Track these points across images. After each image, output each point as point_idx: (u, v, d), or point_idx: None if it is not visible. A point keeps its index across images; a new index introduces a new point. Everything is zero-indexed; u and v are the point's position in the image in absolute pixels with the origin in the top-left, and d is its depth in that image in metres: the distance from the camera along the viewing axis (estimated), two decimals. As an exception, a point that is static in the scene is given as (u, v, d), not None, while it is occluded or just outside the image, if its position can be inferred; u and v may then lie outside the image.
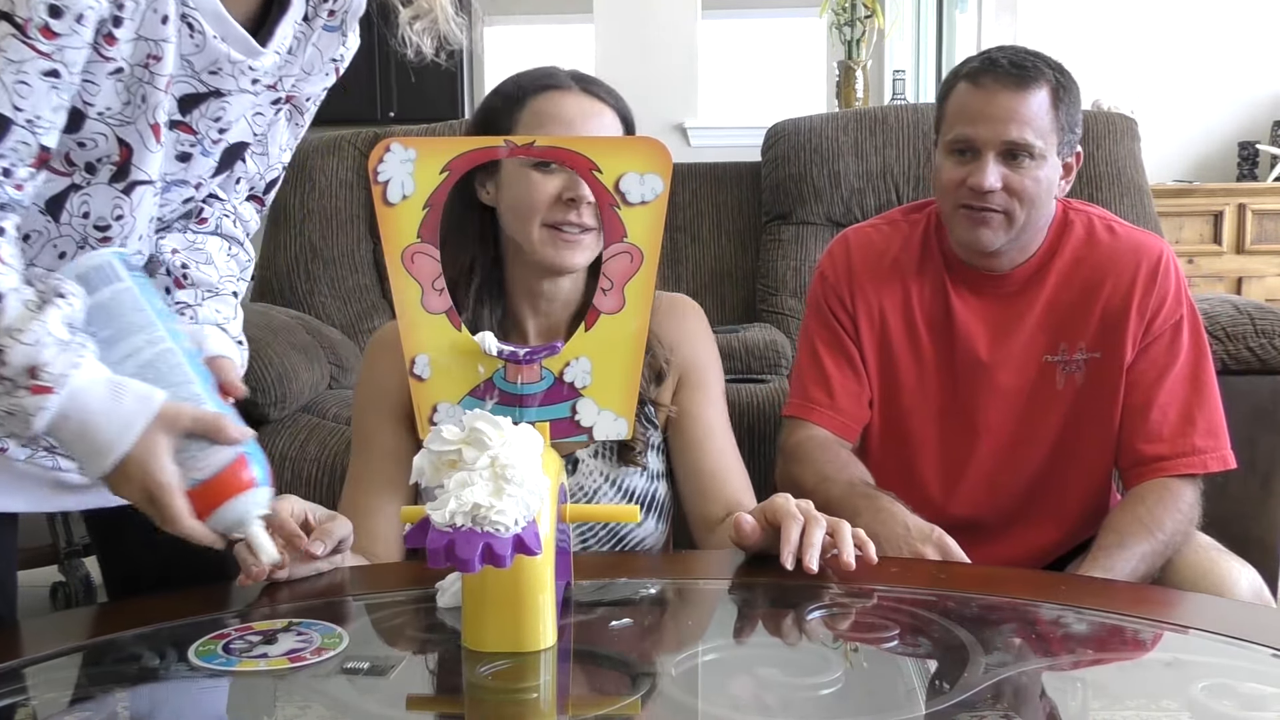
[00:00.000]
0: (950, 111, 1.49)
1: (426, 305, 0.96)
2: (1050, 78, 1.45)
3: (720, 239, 2.60)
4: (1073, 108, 1.47)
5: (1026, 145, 1.43)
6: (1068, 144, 1.48)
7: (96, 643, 0.94)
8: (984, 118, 1.44)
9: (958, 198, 1.46)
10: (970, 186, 1.44)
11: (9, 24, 0.90)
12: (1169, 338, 1.49)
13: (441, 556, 0.80)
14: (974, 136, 1.45)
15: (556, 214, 1.21)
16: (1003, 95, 1.43)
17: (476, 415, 0.86)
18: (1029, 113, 1.43)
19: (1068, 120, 1.47)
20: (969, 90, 1.47)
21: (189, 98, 1.06)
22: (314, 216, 2.47)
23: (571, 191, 1.20)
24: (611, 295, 0.97)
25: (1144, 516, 1.41)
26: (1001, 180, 1.43)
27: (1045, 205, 1.48)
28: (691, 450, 1.34)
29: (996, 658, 0.88)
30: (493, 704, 0.86)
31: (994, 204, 1.44)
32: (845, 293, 1.57)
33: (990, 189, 1.43)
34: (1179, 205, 4.12)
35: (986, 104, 1.44)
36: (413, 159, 0.94)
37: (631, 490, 1.30)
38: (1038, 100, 1.44)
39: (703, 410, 1.35)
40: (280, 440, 1.97)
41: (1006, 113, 1.43)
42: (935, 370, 1.55)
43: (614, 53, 4.55)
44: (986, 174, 1.43)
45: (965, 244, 1.49)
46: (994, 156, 1.43)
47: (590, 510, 0.97)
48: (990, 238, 1.46)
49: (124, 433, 0.92)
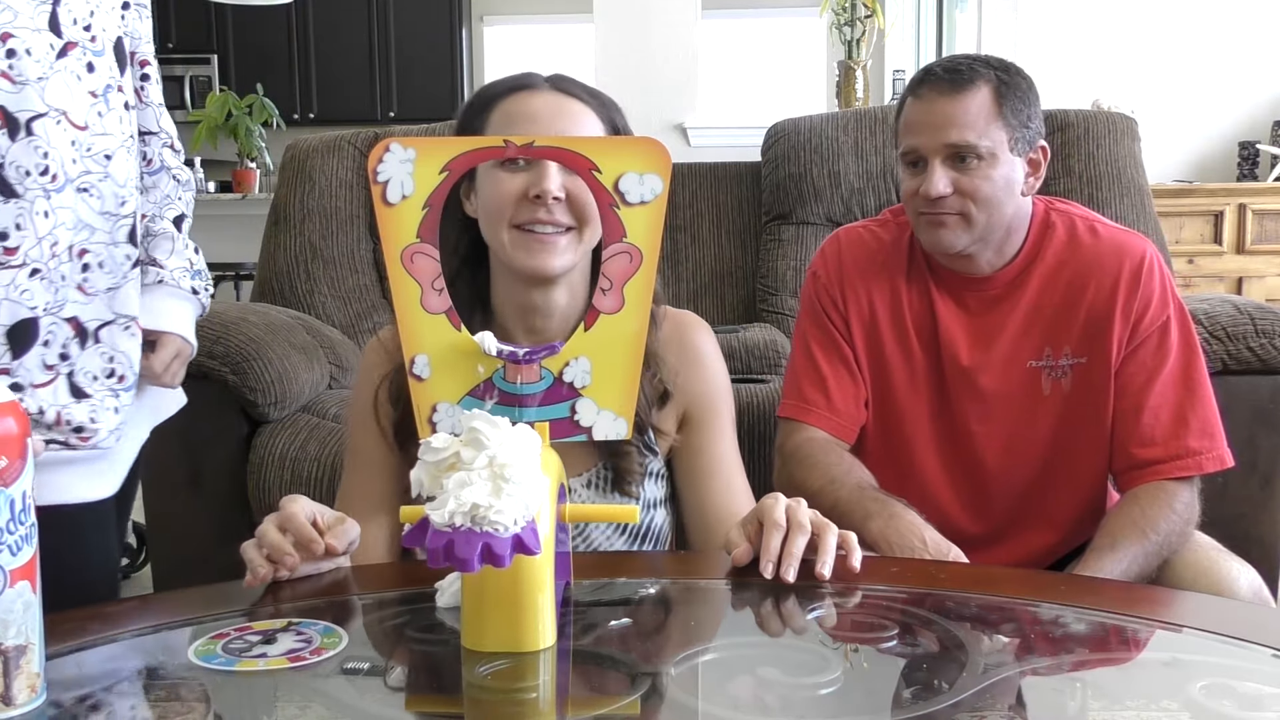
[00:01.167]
0: (901, 126, 1.52)
1: (426, 305, 0.96)
2: (990, 77, 1.46)
3: (720, 239, 2.60)
4: (1020, 103, 1.47)
5: (969, 146, 1.44)
6: (1023, 140, 1.47)
7: (96, 643, 0.94)
8: (924, 126, 1.47)
9: (915, 206, 1.49)
10: (921, 195, 1.46)
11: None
12: (1157, 340, 1.48)
13: (441, 556, 0.80)
14: (919, 145, 1.47)
15: (523, 213, 1.15)
16: (939, 102, 1.46)
17: (474, 415, 0.86)
18: (967, 115, 1.44)
19: (1016, 117, 1.46)
20: (912, 103, 1.50)
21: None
22: (314, 216, 2.47)
23: (537, 188, 1.14)
24: (611, 295, 0.97)
25: (1138, 518, 1.41)
26: (951, 185, 1.45)
27: (1006, 205, 1.47)
28: (698, 485, 1.31)
29: (996, 658, 0.88)
30: (492, 704, 0.86)
31: (947, 208, 1.46)
32: (837, 292, 1.57)
33: (939, 195, 1.45)
34: (1179, 205, 4.12)
35: (926, 113, 1.47)
36: (412, 159, 0.94)
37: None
38: (976, 101, 1.45)
39: (711, 444, 1.31)
40: (280, 440, 1.97)
41: (943, 118, 1.45)
42: (925, 373, 1.55)
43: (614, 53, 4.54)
44: (934, 181, 1.45)
45: (930, 247, 1.51)
46: (939, 163, 1.45)
47: (589, 510, 0.97)
48: (950, 238, 1.47)
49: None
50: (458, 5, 7.25)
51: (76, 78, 1.24)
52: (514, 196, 1.15)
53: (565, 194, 1.14)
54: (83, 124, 1.24)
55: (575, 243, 1.17)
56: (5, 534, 0.76)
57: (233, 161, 5.88)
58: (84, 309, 1.27)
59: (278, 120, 5.58)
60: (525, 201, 1.15)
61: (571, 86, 1.22)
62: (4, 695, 0.77)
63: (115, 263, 1.29)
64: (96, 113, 1.26)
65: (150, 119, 1.43)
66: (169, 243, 1.41)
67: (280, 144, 3.05)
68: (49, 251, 1.22)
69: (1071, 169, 2.36)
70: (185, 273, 1.41)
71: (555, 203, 1.14)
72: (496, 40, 7.55)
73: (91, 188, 1.26)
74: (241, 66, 7.29)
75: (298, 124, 6.81)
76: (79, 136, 1.24)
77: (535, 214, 1.15)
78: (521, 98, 1.21)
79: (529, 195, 1.14)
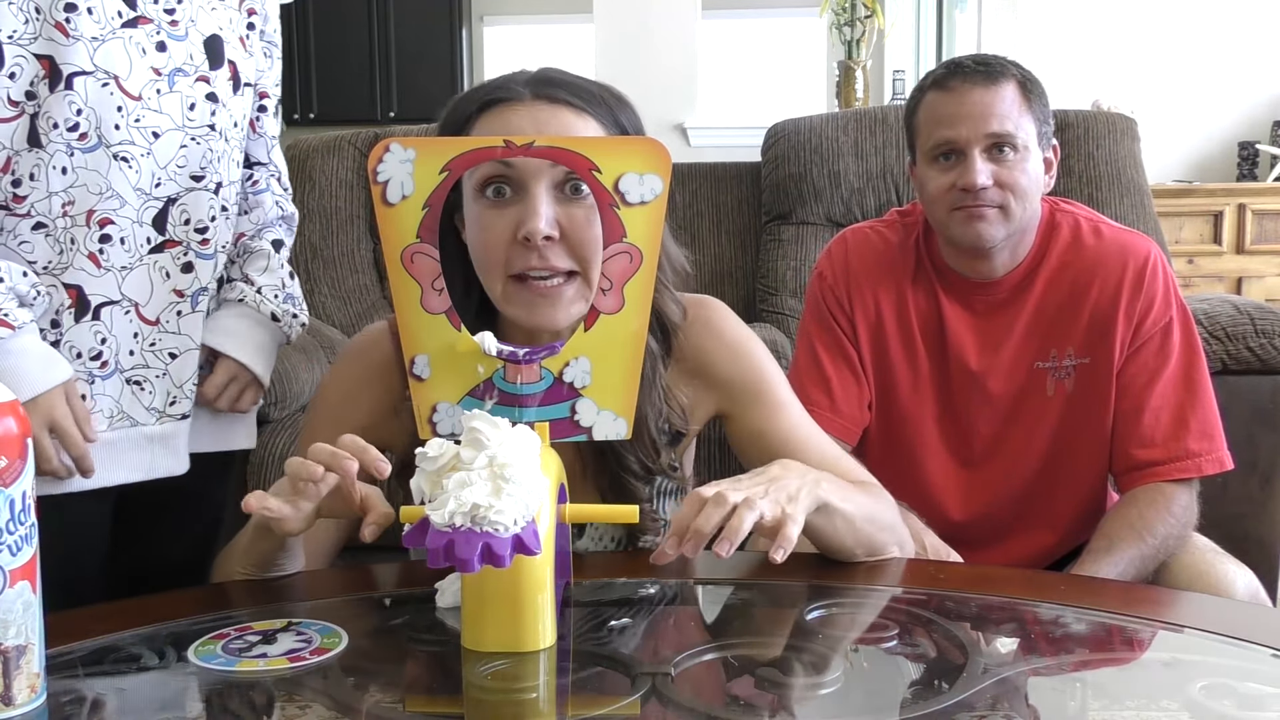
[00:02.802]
0: (924, 122, 1.49)
1: (426, 305, 0.97)
2: (1014, 73, 1.47)
3: (720, 239, 2.60)
4: (1041, 99, 1.48)
5: (1009, 136, 1.43)
6: (1045, 136, 1.48)
7: (96, 642, 0.94)
8: (962, 117, 1.44)
9: (950, 201, 1.46)
10: (962, 187, 1.44)
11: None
12: (1159, 341, 1.48)
13: (441, 556, 0.80)
14: (955, 137, 1.45)
15: (516, 261, 1.01)
16: (976, 92, 1.44)
17: (474, 415, 0.86)
18: (1004, 106, 1.44)
19: (1041, 113, 1.47)
20: (939, 96, 1.47)
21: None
22: (314, 216, 2.47)
23: (525, 228, 0.98)
24: (611, 295, 0.97)
25: (1135, 521, 1.41)
26: (991, 176, 1.43)
27: (1035, 199, 1.47)
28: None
29: (996, 658, 0.88)
30: (492, 704, 0.86)
31: (988, 200, 1.43)
32: (843, 293, 1.57)
33: (983, 185, 1.42)
34: (1179, 205, 4.12)
35: (961, 104, 1.45)
36: (412, 159, 0.94)
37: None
38: (1009, 93, 1.44)
39: (770, 420, 1.17)
40: (280, 440, 1.97)
41: (983, 108, 1.43)
42: (929, 375, 1.54)
43: (614, 53, 4.55)
44: (976, 171, 1.42)
45: (966, 243, 1.48)
46: (979, 153, 1.43)
47: (590, 510, 0.96)
48: (990, 232, 1.45)
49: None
50: (458, 5, 7.25)
51: (141, 50, 1.24)
52: (503, 241, 1.01)
53: (559, 230, 1.00)
54: (136, 94, 1.24)
55: (582, 291, 1.02)
56: (5, 534, 0.76)
57: (233, 161, 5.88)
58: (91, 280, 1.24)
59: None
60: (516, 245, 1.00)
61: (558, 91, 1.06)
62: (4, 695, 0.77)
63: (136, 242, 1.26)
64: (155, 89, 1.25)
65: (261, 150, 1.45)
66: (263, 260, 1.40)
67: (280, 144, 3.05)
68: (59, 209, 1.21)
69: (1071, 169, 2.36)
70: (274, 293, 1.38)
71: (548, 244, 1.00)
72: (496, 40, 7.54)
73: (132, 160, 1.24)
74: (241, 66, 7.29)
75: (298, 124, 6.80)
76: (128, 104, 1.23)
77: (529, 260, 1.00)
78: (501, 113, 1.05)
79: (518, 237, 1.00)
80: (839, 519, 1.05)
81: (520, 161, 0.99)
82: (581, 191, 1.01)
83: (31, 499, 0.79)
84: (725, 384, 1.18)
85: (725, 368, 1.18)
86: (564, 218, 1.01)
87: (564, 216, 1.01)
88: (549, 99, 1.05)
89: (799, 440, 1.17)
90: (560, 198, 1.01)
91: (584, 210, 1.01)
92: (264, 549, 1.05)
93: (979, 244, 1.47)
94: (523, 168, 1.00)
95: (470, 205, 1.04)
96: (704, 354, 1.17)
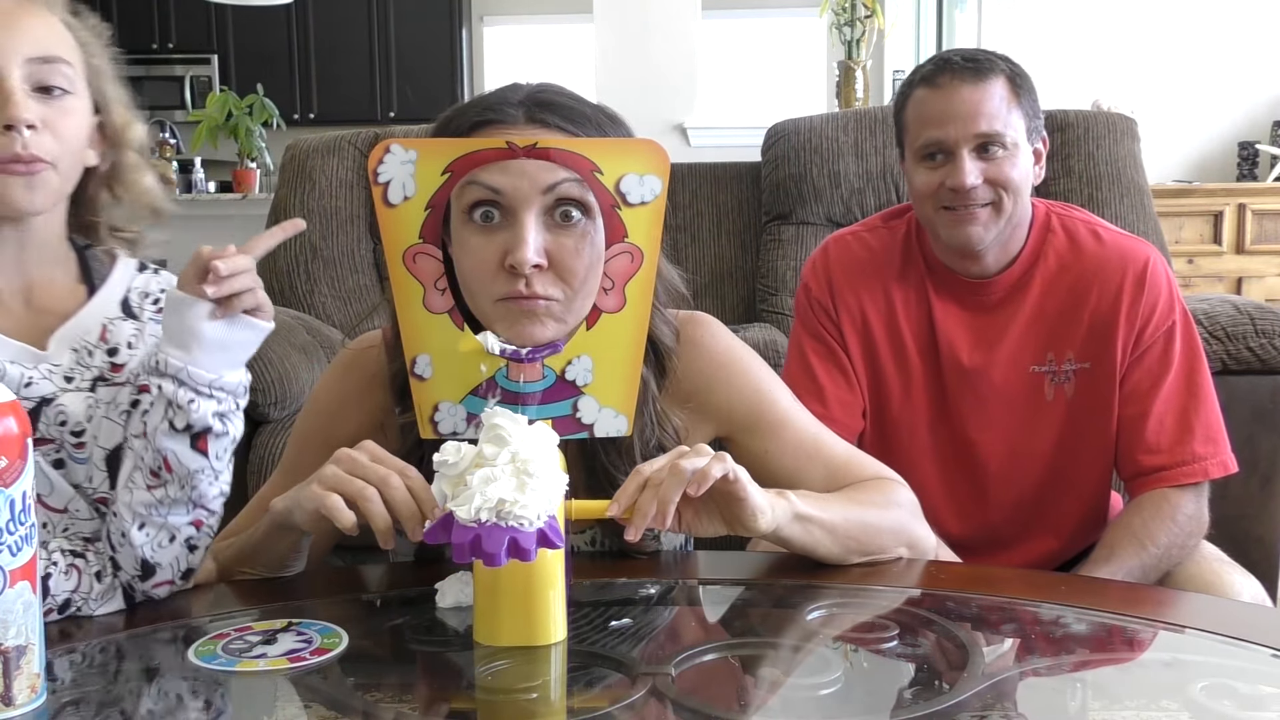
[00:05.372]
0: (911, 119, 1.48)
1: (429, 305, 0.97)
2: (1003, 68, 1.45)
3: (720, 239, 2.60)
4: (1030, 94, 1.47)
5: (997, 135, 1.42)
6: (1035, 130, 1.47)
7: (96, 643, 0.94)
8: (950, 116, 1.43)
9: (938, 201, 1.45)
10: (951, 187, 1.43)
11: None
12: (1162, 346, 1.47)
13: (467, 551, 0.81)
14: (944, 137, 1.43)
15: (503, 287, 0.98)
16: (964, 90, 1.42)
17: (495, 412, 0.88)
18: (993, 104, 1.42)
19: (1030, 107, 1.46)
20: (928, 94, 1.46)
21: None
22: (314, 216, 2.47)
23: (512, 257, 0.96)
24: (613, 295, 0.97)
25: (1138, 530, 1.40)
26: (980, 175, 1.42)
27: (1026, 194, 1.47)
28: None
29: (996, 658, 0.88)
30: (492, 704, 0.86)
31: (978, 199, 1.43)
32: (828, 302, 1.56)
33: (971, 186, 1.42)
34: (1179, 205, 4.12)
35: (949, 102, 1.43)
36: (413, 160, 0.94)
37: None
38: (998, 90, 1.43)
39: (777, 443, 1.15)
40: (280, 440, 1.97)
41: (972, 106, 1.42)
42: (922, 379, 1.53)
43: (614, 53, 4.54)
44: (965, 172, 1.42)
45: (956, 244, 1.47)
46: (968, 153, 1.42)
47: (594, 506, 0.96)
48: (980, 234, 1.44)
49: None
50: (458, 5, 7.25)
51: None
52: (491, 267, 0.98)
53: (547, 259, 0.98)
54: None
55: (568, 311, 0.99)
56: (5, 534, 0.76)
57: (233, 162, 5.87)
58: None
59: (278, 120, 5.57)
60: (503, 272, 0.98)
61: (550, 115, 1.02)
62: (4, 695, 0.77)
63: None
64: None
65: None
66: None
67: (280, 144, 3.05)
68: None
69: (1071, 169, 2.36)
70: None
71: (536, 272, 0.97)
72: (496, 40, 7.54)
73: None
74: (242, 66, 7.28)
75: (298, 124, 6.80)
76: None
77: (515, 287, 0.97)
78: (492, 136, 1.00)
79: (505, 265, 0.97)
80: (816, 528, 1.05)
81: (511, 188, 0.96)
82: (572, 219, 0.97)
83: (32, 499, 0.79)
84: (721, 411, 1.15)
85: (719, 394, 1.15)
86: (553, 245, 0.98)
87: (553, 244, 0.98)
88: (542, 123, 1.02)
89: (806, 454, 1.15)
90: (550, 224, 0.98)
91: (573, 239, 0.98)
92: (281, 550, 1.07)
93: (969, 246, 1.46)
94: (513, 194, 0.96)
95: (459, 227, 1.00)
96: (696, 378, 1.14)
